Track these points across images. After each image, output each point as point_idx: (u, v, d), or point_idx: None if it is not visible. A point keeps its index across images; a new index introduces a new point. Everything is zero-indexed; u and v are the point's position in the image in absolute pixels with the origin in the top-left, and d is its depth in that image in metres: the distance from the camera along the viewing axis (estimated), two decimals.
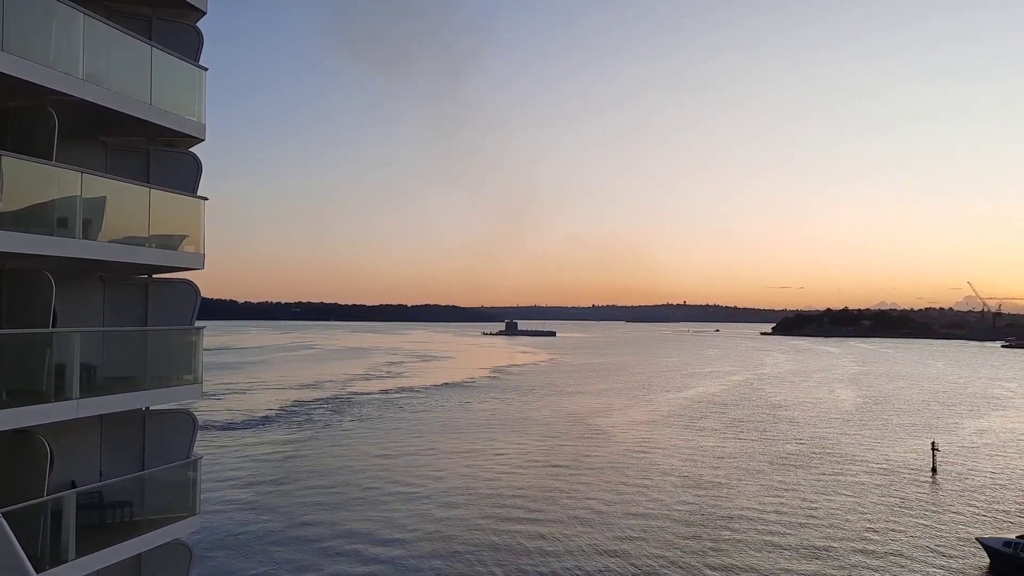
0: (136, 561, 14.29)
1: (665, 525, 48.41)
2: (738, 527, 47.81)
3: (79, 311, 14.12)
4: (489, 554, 42.55)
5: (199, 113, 14.66)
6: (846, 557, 42.68)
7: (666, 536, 46.19)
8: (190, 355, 14.79)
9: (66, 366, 12.14)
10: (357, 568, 39.93)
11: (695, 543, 44.87)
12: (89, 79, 12.42)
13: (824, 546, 44.43)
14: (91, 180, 12.75)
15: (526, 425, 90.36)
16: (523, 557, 42.19)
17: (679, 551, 43.29)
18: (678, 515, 50.72)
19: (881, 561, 41.91)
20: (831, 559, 42.33)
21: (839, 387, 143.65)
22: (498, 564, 41.01)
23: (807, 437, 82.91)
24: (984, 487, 60.32)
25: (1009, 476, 64.54)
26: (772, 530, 47.57)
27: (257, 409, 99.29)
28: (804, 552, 43.52)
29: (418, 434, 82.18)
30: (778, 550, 43.61)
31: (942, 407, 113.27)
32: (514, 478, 61.52)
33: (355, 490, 56.80)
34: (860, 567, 40.94)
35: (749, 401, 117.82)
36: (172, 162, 15.31)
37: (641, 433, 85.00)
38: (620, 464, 67.37)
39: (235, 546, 42.87)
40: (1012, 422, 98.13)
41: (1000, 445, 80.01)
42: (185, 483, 15.00)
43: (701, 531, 47.14)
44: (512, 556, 42.30)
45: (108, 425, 14.26)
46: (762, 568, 40.65)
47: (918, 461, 68.63)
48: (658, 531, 47.18)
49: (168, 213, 14.35)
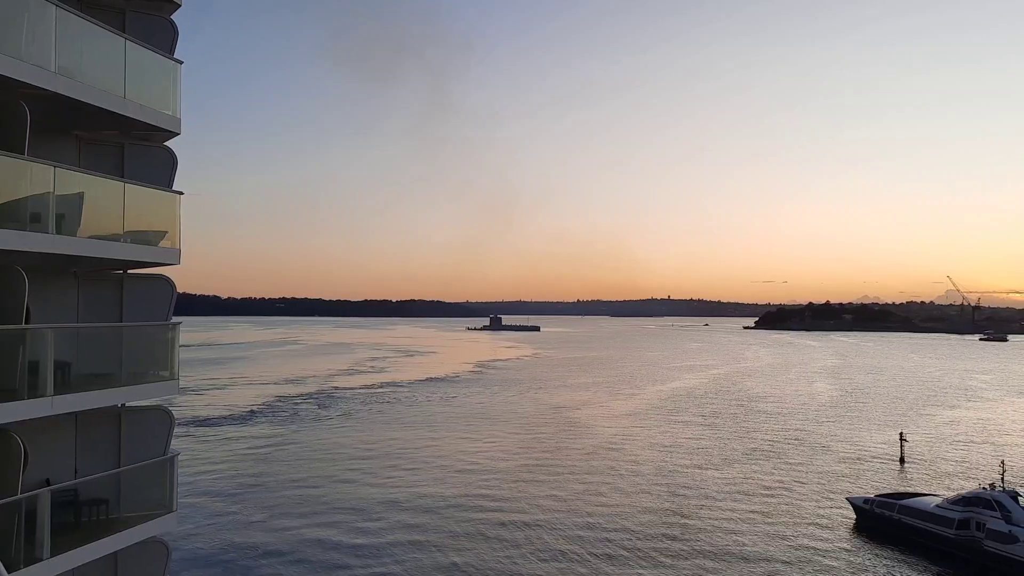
0: (112, 559, 14.17)
1: (633, 513, 49.50)
2: (704, 515, 48.71)
3: (53, 307, 13.96)
4: (460, 541, 43.33)
5: (174, 107, 14.49)
6: (799, 540, 43.90)
7: (632, 523, 47.23)
8: (166, 351, 14.65)
9: (40, 363, 11.99)
10: (334, 559, 39.85)
11: (660, 528, 46.20)
12: (62, 72, 12.26)
13: (780, 533, 45.38)
14: (65, 175, 12.60)
15: (507, 419, 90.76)
16: (489, 542, 43.13)
17: (644, 538, 44.18)
18: (646, 503, 51.97)
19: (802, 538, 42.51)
20: (785, 542, 43.49)
21: (817, 380, 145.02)
22: (466, 549, 41.67)
23: (781, 428, 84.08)
24: (949, 474, 61.71)
25: (973, 464, 65.99)
26: (737, 516, 48.54)
27: (239, 405, 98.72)
28: (766, 535, 44.67)
29: (399, 428, 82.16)
30: (742, 535, 44.45)
31: (916, 399, 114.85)
32: (489, 469, 62.43)
33: (335, 483, 56.74)
34: (803, 547, 41.76)
35: (727, 394, 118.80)
36: (147, 156, 15.15)
37: (618, 426, 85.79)
38: (595, 455, 68.34)
39: (215, 542, 42.61)
40: (982, 413, 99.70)
41: (969, 435, 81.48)
42: (162, 480, 14.85)
43: (667, 518, 48.36)
44: (477, 542, 43.22)
45: (83, 422, 14.12)
46: (725, 552, 41.39)
47: (887, 451, 69.78)
48: (625, 518, 48.24)
49: (143, 208, 14.18)
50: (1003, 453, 70.22)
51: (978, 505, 41.72)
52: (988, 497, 41.67)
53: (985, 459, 67.97)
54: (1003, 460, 51.40)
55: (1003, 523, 39.70)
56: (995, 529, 39.75)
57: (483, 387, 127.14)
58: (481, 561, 40.07)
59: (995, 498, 41.30)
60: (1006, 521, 39.69)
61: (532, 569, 38.83)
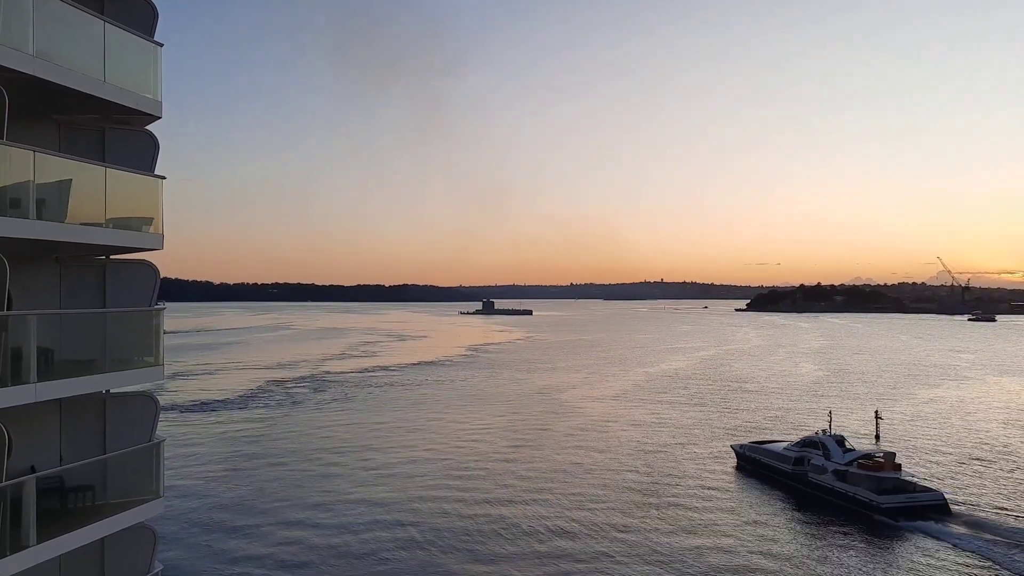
0: (100, 546, 14.15)
1: (612, 487, 51.55)
2: (677, 490, 50.91)
3: (35, 294, 13.83)
4: (444, 519, 44.29)
5: (155, 90, 14.27)
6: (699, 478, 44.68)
7: (612, 496, 49.08)
8: (150, 337, 14.51)
9: (23, 349, 11.87)
10: (322, 540, 39.91)
11: (639, 497, 48.70)
12: (40, 55, 12.06)
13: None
14: (45, 159, 12.44)
15: (495, 400, 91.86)
16: (473, 519, 44.27)
17: (622, 512, 45.50)
18: (627, 478, 54.08)
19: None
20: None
21: (803, 361, 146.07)
22: (450, 528, 42.34)
23: (762, 408, 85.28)
24: (920, 449, 63.14)
25: (945, 440, 67.24)
26: (709, 490, 51.59)
27: (230, 389, 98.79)
28: (745, 506, 47.86)
29: (388, 411, 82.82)
30: (715, 512, 46.30)
31: (898, 378, 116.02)
32: (475, 447, 64.11)
33: (324, 466, 57.13)
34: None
35: (713, 375, 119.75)
36: (129, 141, 14.95)
37: (604, 406, 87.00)
38: (578, 434, 70.00)
39: (204, 526, 42.63)
40: (961, 391, 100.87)
41: (945, 412, 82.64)
42: (148, 466, 14.75)
43: (647, 487, 51.17)
44: (457, 519, 44.29)
45: (68, 409, 14.03)
46: (698, 527, 43.11)
47: (864, 428, 70.71)
48: (605, 493, 49.94)
49: (125, 192, 13.97)
50: (975, 428, 72.28)
51: (810, 446, 52.66)
52: (817, 440, 52.63)
53: (957, 434, 69.42)
54: (830, 411, 64.32)
55: (822, 459, 50.39)
56: (816, 464, 50.68)
57: (474, 370, 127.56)
58: (451, 528, 41.22)
59: (821, 440, 52.07)
60: (825, 458, 50.28)
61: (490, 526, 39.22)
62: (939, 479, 53.00)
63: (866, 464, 47.83)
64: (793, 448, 53.95)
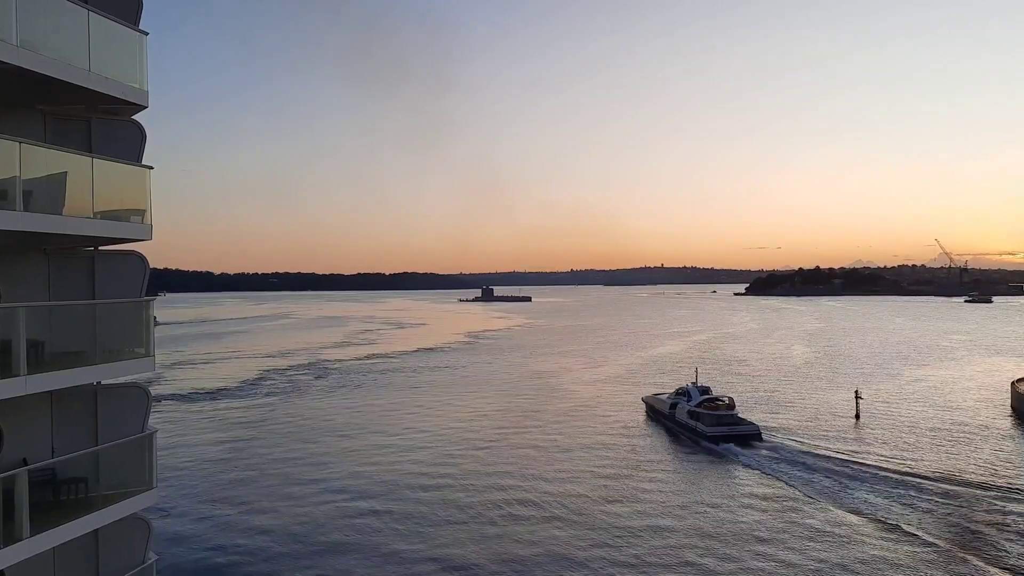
0: (93, 537, 14.16)
1: (595, 463, 53.69)
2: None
3: (23, 286, 13.77)
4: (434, 492, 45.94)
5: (141, 79, 14.14)
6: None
7: (592, 473, 50.82)
8: (141, 328, 14.44)
9: (12, 342, 11.83)
10: (320, 529, 39.95)
11: (619, 471, 51.17)
12: (24, 45, 11.94)
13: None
14: (31, 150, 12.33)
15: (491, 385, 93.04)
16: (464, 492, 45.99)
17: (602, 489, 46.83)
18: (611, 457, 55.93)
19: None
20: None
21: (796, 343, 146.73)
22: (439, 501, 43.91)
23: (751, 389, 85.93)
24: (897, 427, 63.73)
25: (923, 418, 67.72)
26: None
27: (230, 378, 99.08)
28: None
29: (385, 396, 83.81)
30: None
31: (887, 359, 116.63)
32: (469, 430, 65.75)
33: (322, 451, 57.57)
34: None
35: (707, 358, 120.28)
36: (115, 131, 14.84)
37: (597, 389, 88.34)
38: (569, 416, 71.63)
39: (199, 516, 42.37)
40: (947, 371, 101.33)
41: (928, 391, 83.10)
42: (140, 457, 14.73)
43: (628, 462, 54.05)
44: (448, 492, 46.01)
45: (59, 401, 14.00)
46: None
47: (846, 408, 71.39)
48: (588, 471, 51.36)
49: (113, 183, 13.88)
50: (958, 406, 73.18)
51: (683, 395, 65.85)
52: (686, 389, 66.67)
53: (937, 413, 69.88)
54: (696, 368, 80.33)
55: (685, 403, 63.70)
56: (680, 406, 64.15)
57: (473, 356, 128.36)
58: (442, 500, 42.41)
59: (687, 389, 66.12)
60: (687, 402, 63.61)
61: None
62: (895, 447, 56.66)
63: (709, 405, 61.87)
64: (672, 396, 68.14)
